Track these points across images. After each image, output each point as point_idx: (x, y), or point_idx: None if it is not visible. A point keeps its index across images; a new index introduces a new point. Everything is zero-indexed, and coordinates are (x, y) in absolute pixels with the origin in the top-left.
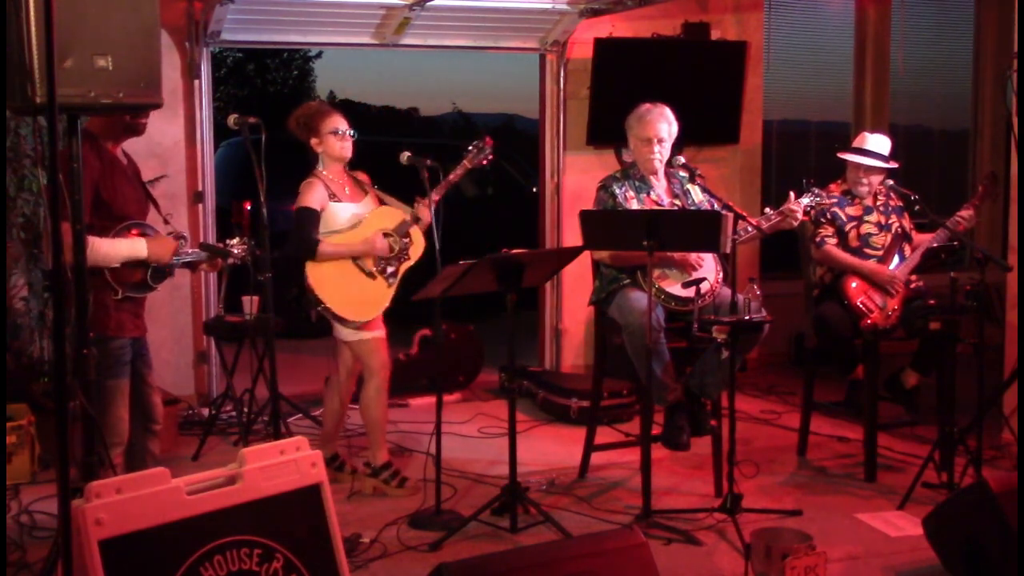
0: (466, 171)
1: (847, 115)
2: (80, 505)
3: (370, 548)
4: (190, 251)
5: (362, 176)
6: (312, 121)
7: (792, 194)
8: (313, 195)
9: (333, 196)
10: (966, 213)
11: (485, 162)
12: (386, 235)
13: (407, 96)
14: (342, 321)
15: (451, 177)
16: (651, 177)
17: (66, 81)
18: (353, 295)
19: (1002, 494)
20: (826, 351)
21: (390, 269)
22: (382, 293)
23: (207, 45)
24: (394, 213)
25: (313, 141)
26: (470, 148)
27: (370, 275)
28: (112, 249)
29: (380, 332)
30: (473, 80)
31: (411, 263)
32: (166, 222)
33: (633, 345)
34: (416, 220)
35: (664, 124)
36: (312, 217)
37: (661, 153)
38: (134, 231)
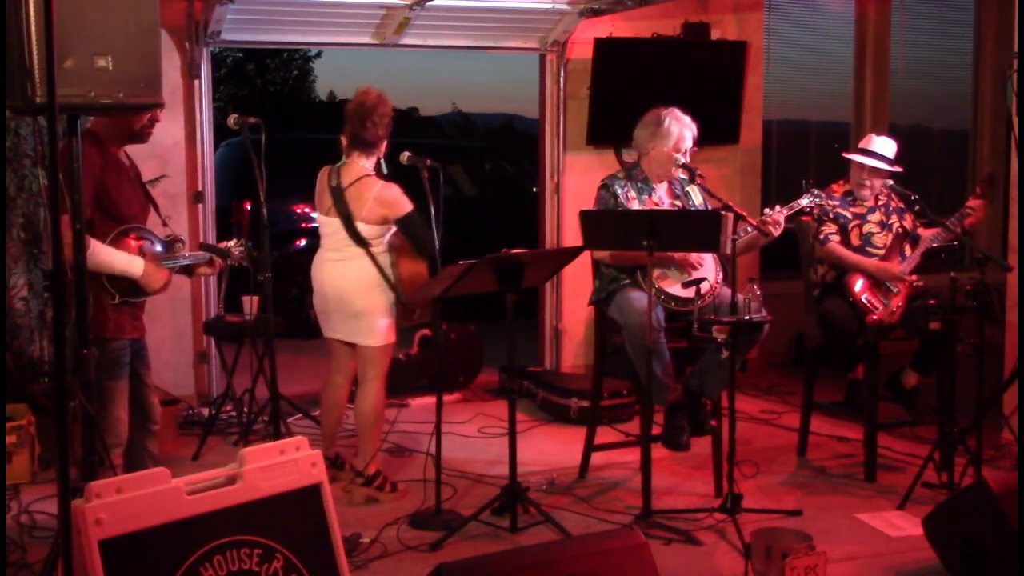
0: None
1: (847, 115)
2: (80, 505)
3: (370, 548)
4: (187, 254)
5: None
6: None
7: (778, 206)
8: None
9: None
10: (975, 203)
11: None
12: None
13: (407, 96)
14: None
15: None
16: (654, 180)
17: (66, 81)
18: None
19: (1002, 494)
20: (829, 348)
21: None
22: None
23: (207, 45)
24: None
25: (382, 145)
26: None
27: None
28: (110, 259)
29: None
30: (473, 80)
31: None
32: (165, 224)
33: (633, 345)
34: None
35: (691, 134)
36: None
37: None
38: (132, 235)
